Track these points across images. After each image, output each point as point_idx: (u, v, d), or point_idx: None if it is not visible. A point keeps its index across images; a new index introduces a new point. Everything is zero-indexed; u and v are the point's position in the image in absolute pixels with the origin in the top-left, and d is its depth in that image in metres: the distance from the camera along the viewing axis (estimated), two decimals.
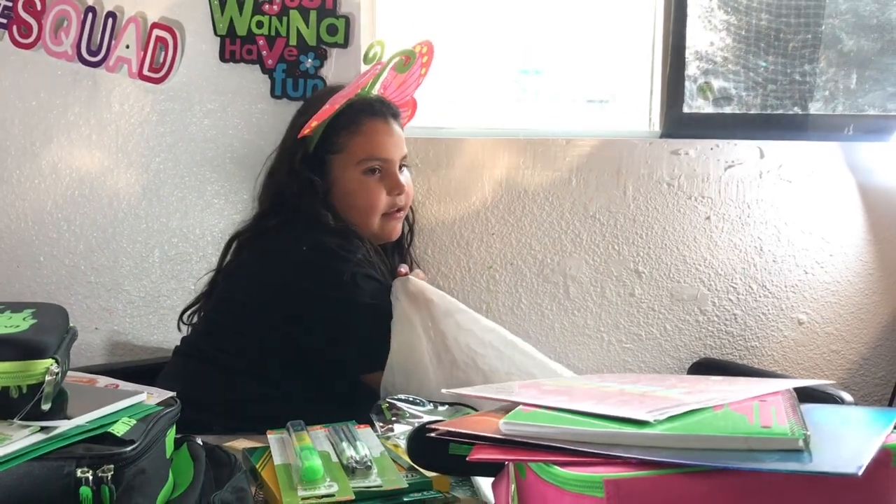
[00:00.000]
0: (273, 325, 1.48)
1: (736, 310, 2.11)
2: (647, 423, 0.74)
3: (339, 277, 1.43)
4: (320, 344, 1.46)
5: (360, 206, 1.56)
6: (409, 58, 1.68)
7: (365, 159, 1.56)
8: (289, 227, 1.53)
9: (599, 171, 2.05)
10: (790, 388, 0.88)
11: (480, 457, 0.76)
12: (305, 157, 1.55)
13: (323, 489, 0.93)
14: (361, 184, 1.56)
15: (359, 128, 1.56)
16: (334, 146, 1.56)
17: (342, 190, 1.56)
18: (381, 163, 1.57)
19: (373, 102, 1.61)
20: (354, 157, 1.56)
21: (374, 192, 1.56)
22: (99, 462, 0.79)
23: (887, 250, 2.12)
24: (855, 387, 2.15)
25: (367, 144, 1.56)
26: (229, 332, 1.53)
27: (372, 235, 1.58)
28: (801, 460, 0.67)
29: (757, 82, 2.17)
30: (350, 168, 1.56)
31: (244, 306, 1.52)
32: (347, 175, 1.56)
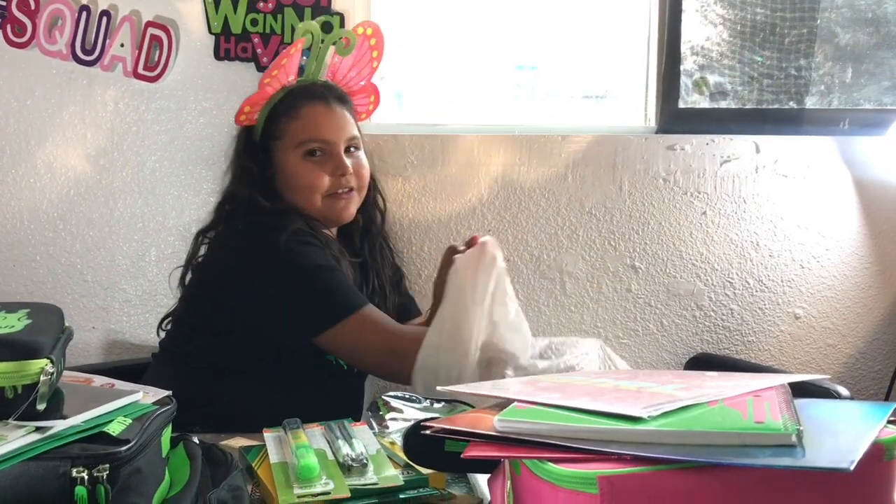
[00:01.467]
0: (231, 314, 1.49)
1: (732, 305, 2.11)
2: (641, 420, 0.74)
3: (274, 247, 1.45)
4: (271, 316, 1.46)
5: (300, 187, 1.56)
6: (349, 39, 1.68)
7: (303, 142, 1.56)
8: (231, 217, 1.57)
9: (595, 166, 2.05)
10: (785, 384, 0.88)
11: (475, 454, 0.76)
12: (247, 146, 1.60)
13: (319, 487, 0.93)
14: (300, 166, 1.56)
15: (297, 112, 1.58)
16: (275, 132, 1.58)
17: (284, 174, 1.58)
18: (320, 144, 1.57)
19: (312, 87, 1.63)
20: (293, 140, 1.57)
21: (313, 174, 1.56)
22: (94, 462, 0.79)
23: (883, 245, 2.13)
24: (851, 381, 2.15)
25: (304, 128, 1.57)
26: (196, 331, 1.55)
27: (320, 216, 1.58)
28: (794, 455, 0.67)
29: (752, 77, 2.17)
30: (290, 152, 1.57)
31: (205, 301, 1.54)
32: (288, 159, 1.57)
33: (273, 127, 1.59)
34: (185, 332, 1.58)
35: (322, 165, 1.57)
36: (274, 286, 1.46)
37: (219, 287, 1.52)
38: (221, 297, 1.51)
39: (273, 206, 1.54)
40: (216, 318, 1.51)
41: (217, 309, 1.52)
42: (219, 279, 1.52)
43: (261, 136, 1.61)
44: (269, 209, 1.53)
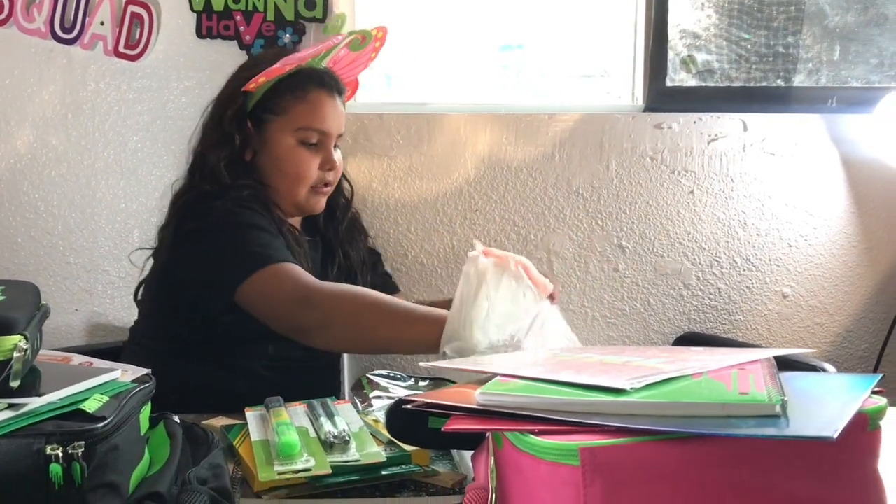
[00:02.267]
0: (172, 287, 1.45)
1: (720, 284, 2.11)
2: (624, 392, 0.74)
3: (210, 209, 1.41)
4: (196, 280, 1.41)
5: (289, 173, 1.51)
6: (366, 38, 1.65)
7: (304, 128, 1.51)
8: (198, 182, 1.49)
9: (582, 145, 2.03)
10: (770, 357, 0.87)
11: (456, 427, 0.75)
12: (238, 114, 1.51)
13: (300, 464, 0.92)
14: (295, 151, 1.51)
15: (305, 95, 1.52)
16: (276, 108, 1.51)
17: (274, 154, 1.51)
18: (319, 135, 1.52)
19: (322, 73, 1.56)
20: (294, 122, 1.51)
21: (307, 162, 1.51)
22: (69, 439, 0.77)
23: (870, 223, 2.12)
24: (839, 359, 2.15)
25: (309, 113, 1.51)
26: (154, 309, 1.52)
27: (294, 206, 1.54)
28: (778, 426, 0.67)
29: (740, 55, 2.16)
30: (287, 133, 1.51)
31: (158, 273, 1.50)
32: (283, 140, 1.51)
33: (274, 102, 1.51)
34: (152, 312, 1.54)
35: (314, 156, 1.53)
36: (198, 246, 1.41)
37: (163, 260, 1.47)
38: (166, 269, 1.47)
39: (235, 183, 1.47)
40: (166, 293, 1.48)
41: (165, 283, 1.48)
42: (163, 251, 1.48)
43: (255, 105, 1.53)
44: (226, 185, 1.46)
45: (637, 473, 0.66)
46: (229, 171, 1.47)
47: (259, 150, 1.52)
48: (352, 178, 1.96)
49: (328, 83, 1.55)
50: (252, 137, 1.51)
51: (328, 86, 1.55)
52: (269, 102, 1.51)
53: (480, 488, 0.82)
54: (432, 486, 0.97)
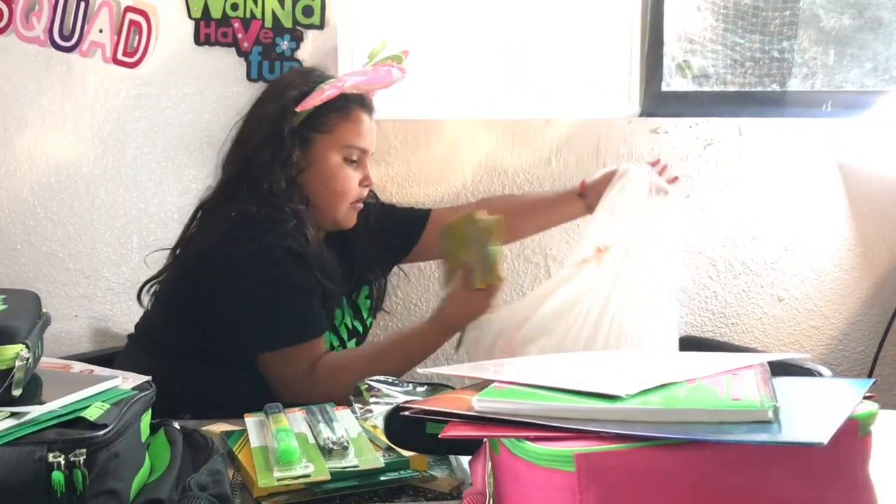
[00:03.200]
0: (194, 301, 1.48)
1: (716, 287, 2.12)
2: (618, 398, 0.75)
3: (252, 247, 1.43)
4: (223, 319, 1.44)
5: (335, 190, 1.56)
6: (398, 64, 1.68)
7: (349, 146, 1.56)
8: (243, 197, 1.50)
9: (579, 150, 2.04)
10: (763, 362, 0.88)
11: (453, 433, 0.76)
12: (292, 130, 1.52)
13: (299, 470, 0.93)
14: (341, 169, 1.56)
15: (349, 114, 1.56)
16: (323, 126, 1.54)
17: (321, 171, 1.55)
18: (360, 153, 1.58)
19: (363, 95, 1.61)
20: (341, 140, 1.55)
21: (351, 180, 1.57)
22: (71, 446, 0.78)
23: (866, 226, 2.13)
24: (835, 362, 2.16)
25: (354, 131, 1.56)
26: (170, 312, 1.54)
27: (333, 222, 1.59)
28: (770, 431, 0.68)
29: (736, 60, 2.17)
30: (334, 151, 1.55)
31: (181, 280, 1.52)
32: (330, 158, 1.55)
33: (319, 120, 1.54)
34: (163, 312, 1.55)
35: (356, 173, 1.58)
36: (237, 290, 1.44)
37: (190, 269, 1.49)
38: (190, 280, 1.49)
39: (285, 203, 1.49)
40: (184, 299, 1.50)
41: (185, 291, 1.50)
42: (193, 260, 1.50)
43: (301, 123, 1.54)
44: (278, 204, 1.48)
45: (631, 479, 0.67)
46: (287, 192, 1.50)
47: (305, 168, 1.53)
48: None
49: (366, 102, 1.61)
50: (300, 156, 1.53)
51: (367, 105, 1.60)
52: (314, 121, 1.54)
53: (478, 493, 0.82)
54: (430, 492, 0.98)
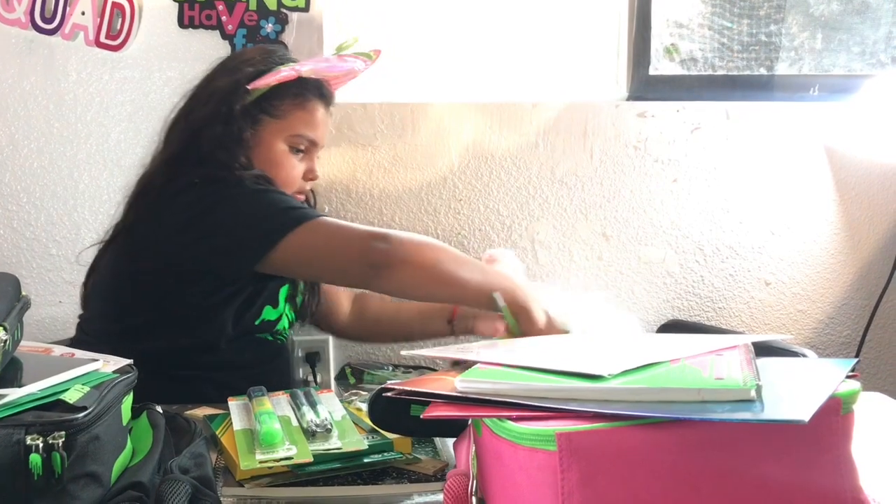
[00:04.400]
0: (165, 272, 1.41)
1: (703, 271, 2.12)
2: (601, 378, 0.74)
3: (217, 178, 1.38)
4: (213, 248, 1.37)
5: (277, 177, 1.48)
6: (367, 61, 1.64)
7: (299, 135, 1.50)
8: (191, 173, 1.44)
9: (566, 134, 2.04)
10: (747, 343, 0.88)
11: (435, 413, 0.75)
12: (244, 108, 1.47)
13: (281, 452, 0.92)
14: (286, 157, 1.50)
15: (304, 103, 1.50)
16: (274, 110, 1.49)
17: (265, 156, 1.49)
18: (308, 144, 1.52)
19: (321, 84, 1.55)
20: (291, 128, 1.49)
21: (295, 170, 1.51)
22: (49, 429, 0.77)
23: (852, 210, 2.14)
24: (821, 346, 2.17)
25: (306, 121, 1.51)
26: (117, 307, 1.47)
27: None
28: (752, 410, 0.67)
29: (723, 44, 2.16)
30: (281, 138, 1.49)
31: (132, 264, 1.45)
32: (276, 143, 1.49)
33: (273, 103, 1.49)
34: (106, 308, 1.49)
35: (300, 163, 1.52)
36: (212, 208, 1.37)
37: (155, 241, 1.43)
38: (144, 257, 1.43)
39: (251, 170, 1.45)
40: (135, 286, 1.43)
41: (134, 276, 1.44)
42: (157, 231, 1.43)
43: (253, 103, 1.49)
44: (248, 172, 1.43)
45: (613, 458, 0.67)
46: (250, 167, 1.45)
47: (252, 149, 1.48)
48: (333, 167, 1.97)
49: (326, 95, 1.55)
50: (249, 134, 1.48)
51: (325, 97, 1.55)
52: (266, 103, 1.49)
53: (461, 475, 0.82)
54: (414, 474, 0.98)
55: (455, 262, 1.30)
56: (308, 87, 1.51)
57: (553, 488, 0.67)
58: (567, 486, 0.66)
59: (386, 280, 1.30)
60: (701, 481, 0.68)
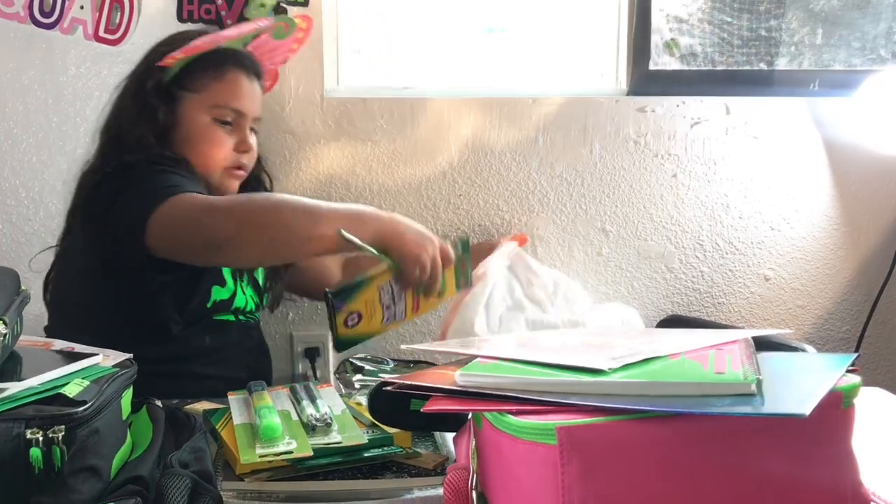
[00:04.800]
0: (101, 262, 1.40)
1: (703, 267, 2.12)
2: (602, 372, 0.74)
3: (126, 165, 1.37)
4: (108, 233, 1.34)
5: (202, 152, 1.47)
6: (289, 27, 1.65)
7: (220, 106, 1.49)
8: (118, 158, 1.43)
9: (566, 129, 2.03)
10: (747, 338, 0.88)
11: (436, 407, 0.76)
12: (158, 86, 1.47)
13: (282, 446, 0.92)
14: (210, 129, 1.48)
15: (222, 74, 1.50)
16: (191, 85, 1.49)
17: (187, 131, 1.48)
18: (234, 115, 1.50)
19: (241, 54, 1.55)
20: (210, 100, 1.48)
21: (220, 142, 1.49)
22: (49, 423, 0.77)
23: (852, 206, 2.14)
24: (820, 341, 2.17)
25: (226, 91, 1.49)
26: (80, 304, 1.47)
27: (209, 186, 1.49)
28: (753, 404, 0.67)
29: (723, 39, 2.16)
30: (203, 111, 1.48)
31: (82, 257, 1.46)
32: (198, 117, 1.48)
33: (189, 79, 1.49)
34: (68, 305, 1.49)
35: (228, 136, 1.51)
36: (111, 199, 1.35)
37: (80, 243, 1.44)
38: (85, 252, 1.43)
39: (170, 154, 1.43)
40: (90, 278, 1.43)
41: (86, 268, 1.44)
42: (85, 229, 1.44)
43: (168, 82, 1.49)
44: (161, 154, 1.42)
45: (614, 452, 0.67)
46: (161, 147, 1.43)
47: (173, 127, 1.47)
48: (333, 162, 1.96)
49: (247, 64, 1.54)
50: (167, 112, 1.47)
51: (246, 67, 1.53)
52: (184, 79, 1.49)
53: (462, 469, 0.82)
54: (414, 468, 0.98)
55: (293, 216, 1.17)
56: (226, 57, 1.51)
57: (553, 482, 0.67)
58: (567, 479, 0.66)
59: (224, 258, 1.26)
60: (702, 475, 0.68)
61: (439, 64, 2.11)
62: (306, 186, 1.98)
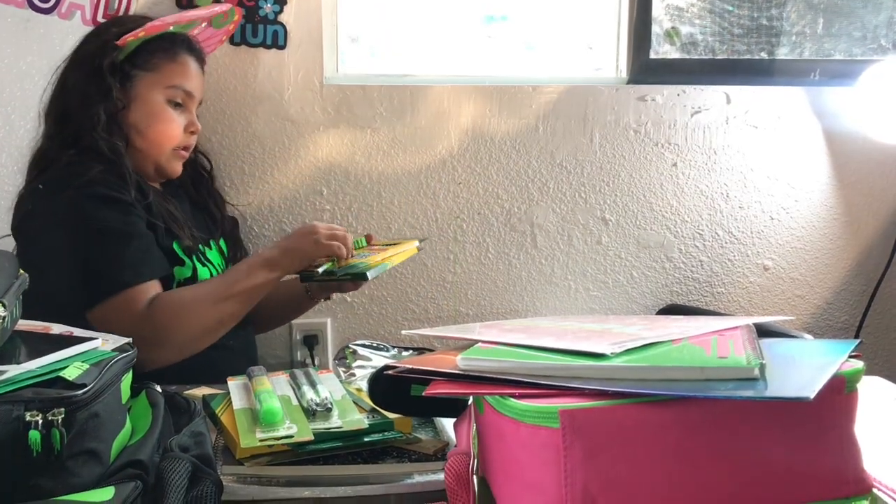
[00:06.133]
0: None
1: (702, 256, 2.12)
2: (604, 356, 0.74)
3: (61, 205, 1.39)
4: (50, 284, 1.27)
5: (157, 130, 1.52)
6: (228, 15, 1.71)
7: (174, 86, 1.53)
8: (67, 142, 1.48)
9: (566, 118, 2.03)
10: (749, 324, 0.88)
11: (437, 391, 0.75)
12: (113, 65, 1.49)
13: (282, 431, 0.92)
14: (164, 109, 1.53)
15: (175, 56, 1.55)
16: (146, 64, 1.52)
17: (143, 109, 1.52)
18: (186, 96, 1.55)
19: (190, 39, 1.61)
20: (164, 80, 1.52)
21: (174, 122, 1.54)
22: (49, 405, 0.77)
23: (852, 196, 2.14)
24: (819, 331, 2.17)
25: (179, 73, 1.54)
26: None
27: (155, 167, 1.56)
28: (756, 388, 0.67)
29: (724, 28, 2.15)
30: (157, 90, 1.52)
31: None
32: (152, 97, 1.52)
33: (144, 58, 1.52)
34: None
35: (180, 117, 1.55)
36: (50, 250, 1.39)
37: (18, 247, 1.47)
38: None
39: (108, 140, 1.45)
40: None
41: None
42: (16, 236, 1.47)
43: (123, 60, 1.52)
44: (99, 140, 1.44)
45: (616, 435, 0.67)
46: (108, 127, 1.46)
47: (126, 107, 1.50)
48: (332, 149, 1.96)
49: (195, 48, 1.60)
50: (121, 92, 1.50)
51: (195, 51, 1.60)
52: (137, 59, 1.52)
53: (462, 454, 0.82)
54: (415, 453, 0.98)
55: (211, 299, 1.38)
56: (176, 41, 1.56)
57: (556, 465, 0.66)
58: (570, 463, 0.66)
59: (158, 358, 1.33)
60: (704, 459, 0.68)
61: (439, 51, 2.10)
62: (305, 174, 1.97)
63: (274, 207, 1.98)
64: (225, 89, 1.92)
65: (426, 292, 2.05)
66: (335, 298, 2.00)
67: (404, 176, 2.01)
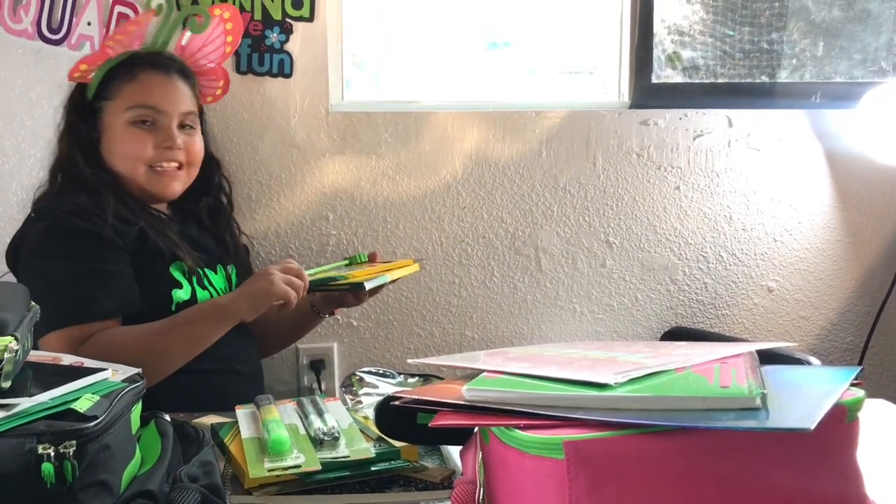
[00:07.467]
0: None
1: (706, 279, 2.12)
2: (608, 386, 0.75)
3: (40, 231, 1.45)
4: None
5: (123, 153, 1.54)
6: (203, 17, 1.68)
7: (134, 106, 1.54)
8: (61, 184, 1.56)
9: (569, 142, 2.05)
10: (752, 351, 0.89)
11: (443, 422, 0.76)
12: (79, 104, 1.57)
13: (290, 460, 0.93)
14: (127, 131, 1.54)
15: (134, 77, 1.56)
16: (107, 93, 1.56)
17: (109, 138, 1.56)
18: (151, 113, 1.55)
19: (156, 56, 1.61)
20: (124, 103, 1.55)
21: (138, 141, 1.54)
22: (61, 438, 0.78)
23: (854, 217, 2.15)
24: (823, 352, 2.17)
25: (138, 91, 1.55)
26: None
27: (140, 189, 1.56)
28: (758, 418, 0.68)
29: (725, 51, 2.17)
30: (119, 115, 1.55)
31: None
32: (116, 122, 1.55)
33: (106, 88, 1.57)
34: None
35: (149, 135, 1.55)
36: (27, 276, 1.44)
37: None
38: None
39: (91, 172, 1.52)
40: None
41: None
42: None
43: (93, 96, 1.57)
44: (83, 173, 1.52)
45: (620, 466, 0.68)
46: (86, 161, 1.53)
47: (99, 138, 1.56)
48: (338, 175, 1.97)
49: (161, 64, 1.60)
50: (93, 127, 1.56)
51: (161, 66, 1.59)
52: (102, 90, 1.57)
53: (468, 482, 0.83)
54: (421, 482, 0.98)
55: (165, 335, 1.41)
56: (136, 62, 1.58)
57: (561, 496, 0.67)
58: (574, 493, 0.67)
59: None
60: (707, 489, 0.69)
61: (443, 78, 2.12)
62: (311, 200, 1.99)
63: (280, 233, 2.00)
64: (232, 117, 1.94)
65: (432, 316, 2.06)
66: (341, 322, 2.01)
67: (409, 201, 2.03)
